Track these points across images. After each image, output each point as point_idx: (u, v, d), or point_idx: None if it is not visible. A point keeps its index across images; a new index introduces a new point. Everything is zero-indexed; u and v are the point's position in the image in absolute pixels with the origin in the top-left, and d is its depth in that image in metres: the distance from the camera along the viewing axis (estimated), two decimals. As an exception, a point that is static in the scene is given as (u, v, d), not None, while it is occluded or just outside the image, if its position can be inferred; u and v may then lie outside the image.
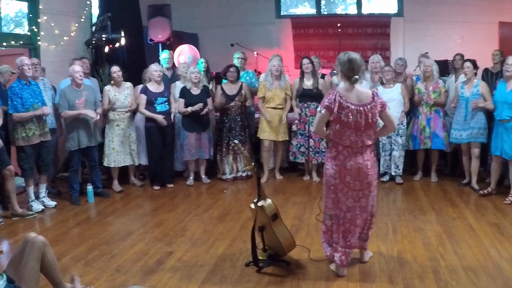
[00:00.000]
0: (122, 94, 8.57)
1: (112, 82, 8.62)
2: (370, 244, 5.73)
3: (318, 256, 5.61)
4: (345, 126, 5.01)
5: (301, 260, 5.68)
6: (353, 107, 4.97)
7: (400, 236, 6.50)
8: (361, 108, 4.99)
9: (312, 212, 7.27)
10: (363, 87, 7.90)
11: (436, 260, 5.73)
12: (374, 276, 5.34)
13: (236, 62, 9.79)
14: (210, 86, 9.63)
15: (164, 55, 9.99)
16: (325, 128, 5.30)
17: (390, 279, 5.25)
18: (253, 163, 5.61)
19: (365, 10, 14.25)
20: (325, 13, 14.63)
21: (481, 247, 6.11)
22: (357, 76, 5.10)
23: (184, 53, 11.22)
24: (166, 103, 8.66)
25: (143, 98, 8.55)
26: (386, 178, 9.21)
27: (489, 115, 8.31)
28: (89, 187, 8.18)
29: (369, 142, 5.16)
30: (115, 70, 8.60)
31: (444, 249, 6.05)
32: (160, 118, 8.53)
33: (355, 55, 5.18)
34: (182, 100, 8.81)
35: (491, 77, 9.34)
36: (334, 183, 5.19)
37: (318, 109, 5.16)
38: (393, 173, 9.12)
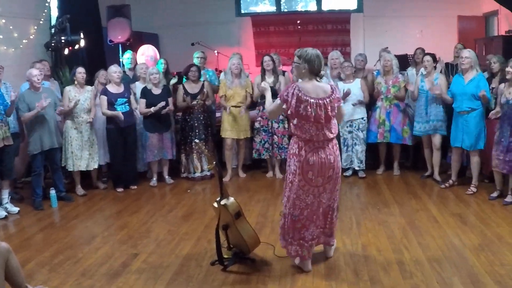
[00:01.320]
0: (83, 96, 8.46)
1: (75, 83, 8.52)
2: (334, 238, 5.77)
3: (283, 252, 5.60)
4: (305, 119, 5.04)
5: (266, 257, 5.72)
6: (312, 100, 5.01)
7: (364, 230, 6.57)
8: (320, 102, 5.04)
9: (276, 209, 7.30)
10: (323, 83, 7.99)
11: (400, 252, 5.82)
12: (340, 270, 5.39)
13: (196, 61, 9.77)
14: (173, 82, 9.69)
15: (127, 55, 9.93)
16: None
17: (355, 273, 5.31)
18: (214, 162, 5.63)
19: (325, 7, 14.43)
20: (285, 10, 14.71)
21: (444, 237, 6.23)
22: (323, 72, 5.19)
23: (145, 54, 11.17)
24: (127, 104, 8.59)
25: (104, 99, 8.46)
26: (349, 172, 9.29)
27: (448, 108, 8.44)
28: (52, 192, 8.07)
29: (331, 136, 5.19)
30: (81, 71, 8.47)
31: (408, 240, 6.15)
32: (119, 114, 8.45)
33: (318, 51, 5.26)
34: (143, 101, 8.76)
35: (452, 70, 9.46)
36: (294, 179, 5.20)
37: (277, 100, 5.21)
38: (356, 168, 9.20)
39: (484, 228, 6.53)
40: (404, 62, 10.45)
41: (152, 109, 8.66)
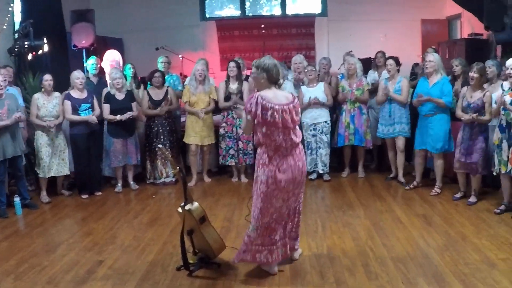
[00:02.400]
0: (51, 103, 8.38)
1: (42, 90, 8.42)
2: (300, 241, 5.81)
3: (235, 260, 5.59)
4: (273, 126, 5.06)
5: (232, 261, 5.67)
6: (277, 107, 5.04)
7: (329, 232, 6.61)
8: (285, 107, 5.09)
9: (241, 213, 7.31)
10: (287, 87, 8.05)
11: (365, 253, 5.87)
12: (305, 272, 5.42)
13: (160, 66, 9.77)
14: (141, 91, 9.59)
15: (91, 61, 9.82)
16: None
17: (321, 275, 5.34)
18: (178, 167, 5.61)
19: (289, 11, 14.46)
20: (250, 14, 14.70)
21: (409, 238, 6.30)
22: (282, 80, 5.23)
23: (110, 59, 11.08)
24: (90, 109, 8.52)
25: (68, 104, 8.39)
26: (313, 176, 9.34)
27: (413, 111, 8.53)
28: (16, 199, 7.95)
29: (297, 140, 5.23)
30: (47, 78, 8.37)
31: (373, 242, 6.21)
32: (91, 117, 8.39)
33: (275, 60, 5.32)
34: (107, 106, 8.70)
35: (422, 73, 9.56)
36: (266, 190, 5.18)
37: (243, 114, 5.22)
38: (320, 171, 9.25)
39: (448, 228, 6.63)
40: (368, 65, 10.53)
41: (118, 117, 8.61)
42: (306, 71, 9.22)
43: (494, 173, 7.28)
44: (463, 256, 5.69)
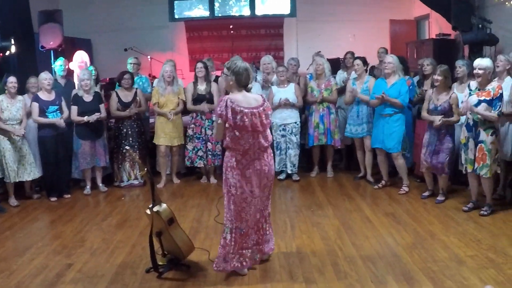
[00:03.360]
0: (15, 106, 8.27)
1: (6, 92, 8.32)
2: (268, 242, 5.82)
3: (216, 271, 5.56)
4: (243, 130, 5.08)
5: (201, 262, 5.71)
6: (246, 110, 5.05)
7: (299, 232, 6.64)
8: (255, 110, 5.10)
9: (210, 214, 7.31)
10: (255, 88, 8.05)
11: (334, 252, 5.91)
12: (275, 272, 5.44)
13: (129, 68, 9.69)
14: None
15: (58, 62, 9.71)
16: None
17: (290, 275, 5.36)
18: (145, 169, 5.60)
19: (258, 12, 14.44)
20: (219, 15, 14.68)
21: (378, 236, 6.37)
22: (251, 85, 5.23)
23: (79, 60, 11.00)
24: (58, 111, 8.44)
25: (36, 106, 8.29)
26: (282, 176, 9.37)
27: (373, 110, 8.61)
28: (-17, 203, 7.89)
29: (266, 144, 5.25)
30: (12, 81, 8.25)
31: (342, 241, 6.25)
32: (58, 121, 8.31)
33: (247, 63, 5.33)
34: (75, 108, 8.61)
35: (378, 74, 9.63)
36: (236, 193, 5.21)
37: (214, 118, 5.22)
38: (289, 171, 9.27)
39: (416, 226, 6.71)
40: (337, 66, 10.59)
41: (86, 118, 8.52)
42: (277, 72, 9.23)
43: (464, 172, 7.37)
44: (431, 254, 5.76)
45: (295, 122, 9.13)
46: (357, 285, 5.08)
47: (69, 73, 10.11)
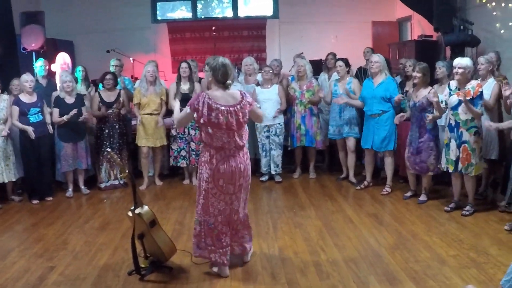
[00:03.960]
0: (-1, 106, 8.27)
1: None
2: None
3: (200, 259, 5.60)
4: (217, 127, 5.08)
5: (183, 265, 5.71)
6: (223, 108, 5.06)
7: (281, 233, 6.65)
8: (231, 109, 5.10)
9: (192, 216, 7.08)
10: (237, 89, 8.04)
11: (317, 253, 5.92)
12: (257, 274, 5.44)
13: (112, 69, 9.65)
14: (90, 90, 9.52)
15: (39, 63, 9.66)
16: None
17: (272, 276, 5.37)
18: (127, 171, 5.58)
19: (241, 13, 14.44)
20: (202, 17, 14.66)
21: (360, 237, 6.39)
22: (230, 81, 5.21)
23: (61, 62, 10.93)
24: (40, 113, 8.39)
25: (16, 109, 8.24)
26: (265, 177, 9.39)
27: (361, 111, 8.62)
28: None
29: (241, 143, 5.25)
30: None
31: (325, 242, 6.27)
32: (29, 130, 8.24)
33: (227, 60, 5.30)
34: (56, 110, 8.55)
35: (365, 74, 9.67)
36: (207, 187, 5.25)
37: (187, 108, 5.21)
38: (273, 172, 9.29)
39: (399, 226, 6.75)
40: (320, 67, 10.62)
41: (65, 117, 8.45)
42: (263, 71, 9.24)
43: (441, 170, 7.45)
44: (413, 254, 5.79)
45: (279, 123, 9.15)
46: (339, 285, 5.09)
47: (51, 75, 10.04)
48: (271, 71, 9.23)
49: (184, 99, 8.69)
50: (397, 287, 5.02)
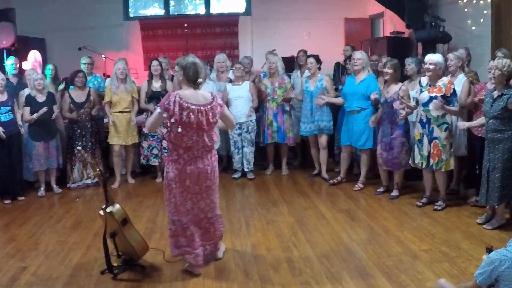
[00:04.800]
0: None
1: None
2: (224, 240, 5.89)
3: (173, 257, 5.60)
4: (188, 127, 5.08)
5: (156, 263, 5.69)
6: (193, 107, 5.06)
7: (254, 230, 6.68)
8: (202, 108, 5.10)
9: (165, 214, 7.03)
10: (209, 87, 8.05)
11: (289, 250, 5.94)
12: (230, 271, 5.46)
13: (83, 67, 9.60)
14: (61, 88, 9.45)
15: (9, 61, 9.56)
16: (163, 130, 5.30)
17: (245, 273, 5.39)
18: (98, 169, 5.55)
19: (214, 10, 14.42)
20: (175, 14, 14.62)
21: (333, 233, 6.43)
22: (201, 80, 5.21)
23: (31, 60, 10.85)
24: (10, 112, 8.29)
25: (-15, 108, 8.18)
26: (237, 175, 9.39)
27: (334, 108, 8.67)
28: None
29: (210, 144, 5.27)
30: None
31: (297, 238, 6.29)
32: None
33: (197, 59, 5.31)
34: (27, 108, 8.45)
35: (343, 71, 9.72)
36: (174, 186, 5.26)
37: (157, 110, 5.20)
38: (245, 169, 9.30)
39: (371, 222, 6.81)
40: (292, 64, 10.64)
41: (35, 115, 8.37)
42: (234, 68, 9.26)
43: (412, 165, 7.51)
44: (386, 249, 5.85)
45: (251, 121, 9.17)
46: (312, 281, 5.12)
47: (22, 73, 9.94)
48: (242, 68, 9.25)
49: (156, 97, 8.73)
50: (370, 282, 5.05)
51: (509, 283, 3.54)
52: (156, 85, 8.95)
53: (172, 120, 5.10)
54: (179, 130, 5.10)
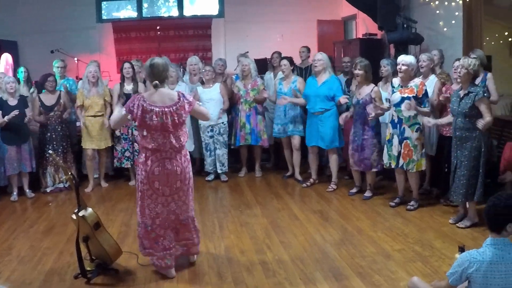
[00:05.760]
0: None
1: None
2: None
3: (147, 260, 5.60)
4: (152, 129, 5.09)
5: (129, 266, 5.68)
6: (157, 109, 5.05)
7: (227, 232, 6.69)
8: (166, 110, 5.09)
9: None
10: (182, 89, 8.03)
11: (263, 252, 5.97)
12: (203, 274, 5.46)
13: (55, 70, 9.54)
14: (32, 91, 9.33)
15: (-19, 65, 9.52)
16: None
17: (219, 275, 5.40)
18: (70, 173, 5.53)
19: (187, 12, 14.40)
20: (148, 16, 14.57)
21: (306, 234, 6.47)
22: (157, 81, 5.18)
23: (3, 63, 10.75)
24: (-18, 115, 8.24)
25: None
26: (211, 177, 9.40)
27: (306, 110, 8.71)
28: None
29: (177, 145, 5.23)
30: None
31: (271, 240, 6.32)
32: None
33: (160, 60, 5.33)
34: (-2, 112, 8.41)
35: (300, 73, 9.75)
36: (143, 189, 5.27)
37: (122, 110, 5.20)
38: (219, 171, 9.30)
39: (344, 222, 6.85)
40: (265, 66, 10.67)
41: (6, 118, 8.27)
42: (204, 71, 9.24)
43: (384, 167, 7.57)
44: (359, 249, 5.90)
45: (223, 123, 9.17)
46: (286, 283, 5.14)
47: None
48: (211, 71, 9.24)
49: (128, 99, 8.65)
50: (343, 283, 5.09)
51: (478, 286, 3.59)
52: (128, 87, 8.90)
53: (136, 123, 5.14)
54: (144, 133, 5.12)
